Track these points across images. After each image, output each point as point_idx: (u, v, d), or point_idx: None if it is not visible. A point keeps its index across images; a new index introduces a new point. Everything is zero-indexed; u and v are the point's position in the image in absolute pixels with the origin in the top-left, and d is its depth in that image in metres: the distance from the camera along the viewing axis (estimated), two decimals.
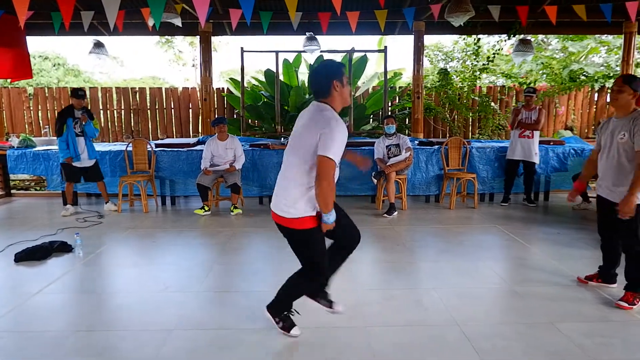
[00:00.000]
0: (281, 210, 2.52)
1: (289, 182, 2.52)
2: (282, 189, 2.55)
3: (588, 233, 5.01)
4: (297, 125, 2.59)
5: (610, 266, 3.47)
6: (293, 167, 2.50)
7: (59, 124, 5.79)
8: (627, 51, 7.57)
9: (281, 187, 2.57)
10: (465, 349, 2.61)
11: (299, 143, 2.48)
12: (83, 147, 5.89)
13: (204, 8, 5.00)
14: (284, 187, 2.55)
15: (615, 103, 3.19)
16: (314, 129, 2.39)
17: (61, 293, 3.48)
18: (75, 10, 5.87)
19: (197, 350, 2.63)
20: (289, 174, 2.53)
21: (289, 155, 2.56)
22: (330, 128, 2.35)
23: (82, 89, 5.95)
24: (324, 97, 2.50)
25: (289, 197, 2.50)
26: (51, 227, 5.36)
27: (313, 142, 2.38)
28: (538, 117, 6.28)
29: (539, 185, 6.97)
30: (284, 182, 2.56)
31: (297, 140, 2.51)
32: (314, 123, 2.42)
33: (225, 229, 5.33)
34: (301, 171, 2.46)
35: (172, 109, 9.61)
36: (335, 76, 2.46)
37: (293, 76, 9.05)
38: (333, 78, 2.46)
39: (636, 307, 3.12)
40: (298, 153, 2.47)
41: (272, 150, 6.53)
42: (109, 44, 19.51)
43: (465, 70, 9.42)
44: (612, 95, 3.20)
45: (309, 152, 2.41)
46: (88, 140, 5.94)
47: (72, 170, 5.92)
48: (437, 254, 4.41)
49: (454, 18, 5.75)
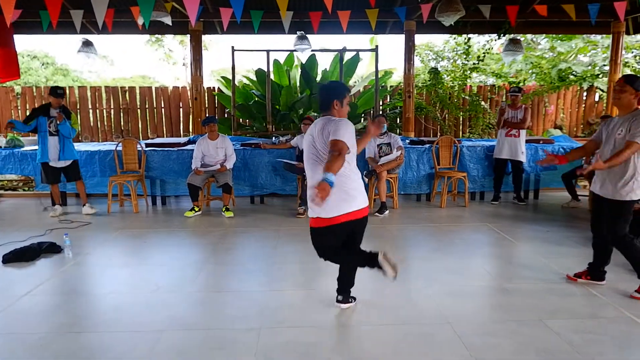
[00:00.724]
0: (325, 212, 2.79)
1: None
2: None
3: (577, 231, 5.06)
4: (310, 137, 2.87)
5: (600, 264, 3.51)
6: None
7: (28, 118, 5.67)
8: (615, 51, 7.67)
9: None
10: (456, 346, 2.62)
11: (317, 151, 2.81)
12: (57, 147, 5.72)
13: (195, 7, 4.97)
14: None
15: (617, 102, 3.22)
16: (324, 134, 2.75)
17: (50, 294, 3.44)
18: (63, 8, 5.81)
19: (189, 350, 2.61)
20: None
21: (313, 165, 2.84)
22: (335, 124, 2.72)
23: (61, 88, 5.83)
24: (325, 110, 2.88)
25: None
26: (40, 227, 5.30)
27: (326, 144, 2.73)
28: (524, 116, 6.33)
29: (529, 184, 7.03)
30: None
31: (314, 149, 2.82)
32: (321, 131, 2.77)
33: (216, 228, 5.31)
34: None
35: (163, 108, 9.54)
36: (336, 97, 2.84)
37: (284, 75, 9.03)
38: (334, 98, 2.84)
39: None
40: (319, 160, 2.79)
41: (264, 150, 6.52)
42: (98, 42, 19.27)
43: (456, 69, 9.47)
44: (614, 94, 3.22)
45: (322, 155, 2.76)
46: (65, 140, 5.77)
47: (50, 171, 5.80)
48: (428, 252, 4.43)
49: (445, 17, 5.78)
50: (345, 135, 2.68)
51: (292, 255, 4.29)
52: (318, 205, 2.55)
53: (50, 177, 5.86)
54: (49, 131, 5.71)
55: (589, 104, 9.90)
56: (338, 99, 2.84)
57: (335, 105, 2.84)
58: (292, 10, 6.29)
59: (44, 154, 5.73)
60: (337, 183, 2.60)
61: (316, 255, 3.04)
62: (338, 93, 2.86)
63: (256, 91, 9.18)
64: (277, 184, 6.59)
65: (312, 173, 2.85)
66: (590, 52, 11.05)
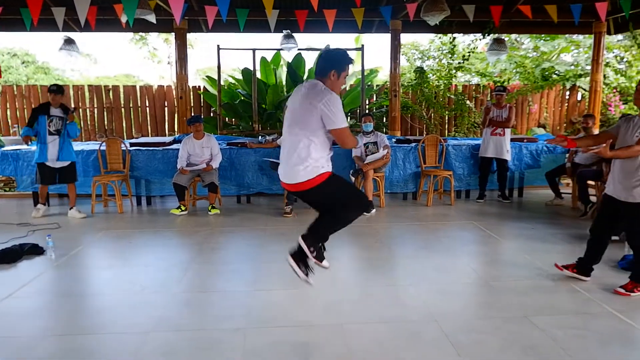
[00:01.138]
0: (301, 177, 2.68)
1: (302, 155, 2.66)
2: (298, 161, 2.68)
3: (561, 228, 5.14)
4: (293, 101, 2.75)
5: (591, 261, 3.54)
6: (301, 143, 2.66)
7: (30, 120, 5.57)
8: (597, 51, 7.79)
9: (294, 161, 2.69)
10: (443, 344, 2.64)
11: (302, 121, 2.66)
12: (57, 147, 5.61)
13: (179, 5, 4.93)
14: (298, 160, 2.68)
15: (638, 102, 3.26)
16: (312, 107, 2.60)
17: (33, 297, 3.38)
18: (45, 5, 5.71)
19: (175, 351, 2.59)
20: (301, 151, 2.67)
21: (293, 132, 2.71)
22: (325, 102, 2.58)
23: (55, 84, 5.72)
24: (320, 76, 2.73)
25: (307, 165, 2.66)
26: (21, 229, 5.20)
27: (314, 119, 2.61)
28: (509, 115, 6.41)
29: (513, 182, 7.11)
30: (295, 158, 2.68)
31: (299, 117, 2.68)
32: (309, 101, 2.62)
33: (202, 228, 5.27)
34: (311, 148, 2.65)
35: (147, 107, 9.44)
36: (335, 66, 2.69)
37: (271, 74, 9.01)
38: (332, 67, 2.69)
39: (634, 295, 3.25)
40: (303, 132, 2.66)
41: (250, 149, 6.49)
42: (81, 40, 18.99)
43: (441, 68, 9.54)
44: (636, 95, 3.26)
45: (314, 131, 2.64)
46: (67, 140, 5.69)
47: (47, 171, 5.63)
48: (414, 250, 4.46)
49: (430, 17, 5.81)
50: (342, 116, 2.64)
51: (278, 255, 4.26)
52: None
53: (47, 178, 5.67)
54: (49, 130, 5.56)
55: (572, 103, 10.06)
56: (337, 70, 2.70)
57: (332, 75, 2.70)
58: (277, 8, 6.27)
59: (42, 154, 5.58)
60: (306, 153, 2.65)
61: None
62: (338, 63, 2.71)
63: (242, 90, 9.14)
64: (263, 183, 6.57)
65: (288, 135, 2.75)
66: (572, 52, 11.22)
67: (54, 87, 5.62)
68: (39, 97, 9.22)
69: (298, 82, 8.62)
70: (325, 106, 2.59)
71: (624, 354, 2.55)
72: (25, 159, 6.38)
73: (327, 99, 2.59)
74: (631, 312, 3.03)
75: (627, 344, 2.65)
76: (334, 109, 2.60)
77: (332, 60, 2.72)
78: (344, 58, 2.74)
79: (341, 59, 2.73)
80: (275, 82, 8.99)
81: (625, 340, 2.68)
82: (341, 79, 2.74)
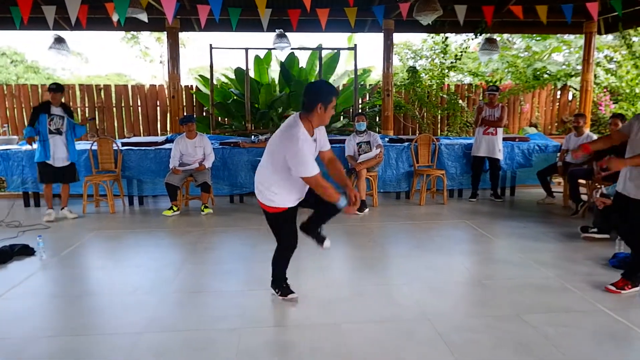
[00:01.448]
0: (264, 198, 2.93)
1: (267, 179, 2.89)
2: (262, 183, 2.92)
3: (552, 227, 5.18)
4: (275, 136, 2.87)
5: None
6: (267, 169, 2.88)
7: (32, 119, 5.48)
8: (588, 50, 7.84)
9: (261, 181, 2.94)
10: (436, 343, 2.65)
11: (271, 154, 2.84)
12: (59, 147, 5.54)
13: (171, 3, 4.91)
14: (262, 181, 2.92)
15: None
16: (281, 149, 2.72)
17: (24, 298, 3.35)
18: (35, 4, 5.66)
19: (168, 352, 2.58)
20: (267, 174, 2.89)
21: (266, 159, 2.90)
22: (289, 150, 2.67)
23: (54, 83, 5.66)
24: (306, 111, 2.76)
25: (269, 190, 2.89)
26: (12, 229, 5.15)
27: (280, 158, 2.73)
28: (501, 114, 6.44)
29: (505, 181, 7.15)
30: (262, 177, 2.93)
31: (270, 150, 2.86)
32: (279, 141, 2.76)
33: (195, 228, 5.25)
34: (270, 173, 2.86)
35: (139, 107, 9.38)
36: (322, 99, 2.71)
37: (264, 73, 8.98)
38: (319, 100, 2.70)
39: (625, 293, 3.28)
40: (270, 160, 2.84)
41: (243, 149, 6.47)
42: (72, 39, 18.89)
43: (434, 68, 9.56)
44: None
45: (276, 164, 2.79)
46: (71, 140, 5.64)
47: (48, 170, 5.56)
48: (407, 249, 4.47)
49: (422, 17, 5.82)
50: (308, 159, 2.67)
51: (272, 254, 4.25)
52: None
53: (48, 176, 5.59)
54: (49, 129, 5.48)
55: (563, 103, 10.13)
56: (322, 102, 2.70)
57: (318, 109, 2.70)
58: (270, 7, 6.26)
59: (44, 153, 5.51)
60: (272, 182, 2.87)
61: (296, 254, 3.06)
62: (325, 96, 2.71)
63: (235, 90, 9.11)
64: None
65: (260, 167, 2.96)
66: (564, 52, 11.30)
67: (53, 86, 5.55)
68: (29, 96, 9.13)
69: (291, 82, 8.62)
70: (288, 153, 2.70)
71: (616, 351, 2.57)
72: (15, 158, 6.31)
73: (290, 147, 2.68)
74: (622, 309, 3.06)
75: (618, 341, 2.68)
76: (301, 161, 2.66)
77: (317, 94, 2.72)
78: (329, 90, 2.75)
79: (326, 91, 2.73)
80: (268, 81, 8.97)
81: (616, 338, 2.71)
82: (328, 110, 2.74)
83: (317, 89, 2.75)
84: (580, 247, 4.43)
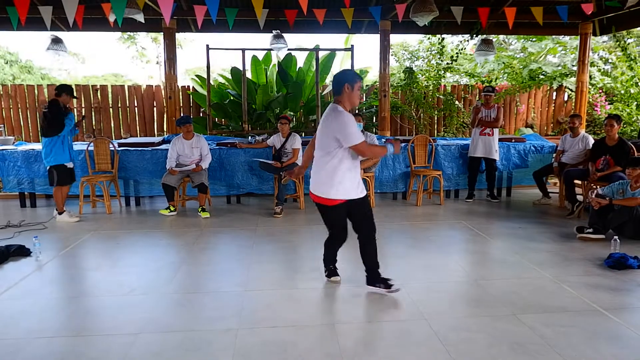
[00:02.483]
0: (321, 192, 3.19)
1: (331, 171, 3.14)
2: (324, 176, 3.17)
3: (548, 227, 5.20)
4: (319, 125, 3.22)
5: None
6: (329, 163, 3.13)
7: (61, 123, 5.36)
8: (583, 51, 7.89)
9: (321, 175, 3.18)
10: (433, 342, 2.66)
11: (322, 143, 3.15)
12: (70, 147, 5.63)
13: (168, 4, 4.91)
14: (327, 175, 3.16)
15: None
16: (330, 132, 3.06)
17: (20, 299, 3.34)
18: (32, 4, 5.65)
19: (165, 353, 2.57)
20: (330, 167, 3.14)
21: (319, 151, 3.20)
22: (339, 124, 3.02)
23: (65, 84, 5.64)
24: (337, 95, 3.17)
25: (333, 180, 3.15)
26: (7, 230, 5.13)
27: (332, 142, 3.06)
28: (497, 115, 6.47)
29: (502, 182, 7.18)
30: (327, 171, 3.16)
31: (320, 140, 3.19)
32: (326, 125, 3.10)
33: (192, 229, 5.24)
34: (337, 162, 3.12)
35: (136, 107, 9.37)
36: (347, 80, 3.12)
37: (262, 73, 8.98)
38: (345, 81, 3.13)
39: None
40: (325, 151, 3.13)
41: (240, 149, 6.47)
42: (69, 40, 18.84)
43: (430, 69, 9.59)
44: None
45: (331, 153, 3.09)
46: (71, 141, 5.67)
47: (66, 172, 5.56)
48: (404, 249, 4.48)
49: (419, 18, 5.84)
50: (356, 132, 3.02)
51: (269, 255, 4.27)
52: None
53: (67, 178, 5.59)
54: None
55: (559, 103, 10.18)
56: (349, 83, 3.11)
57: (346, 88, 3.11)
58: (267, 8, 6.27)
59: (66, 155, 5.51)
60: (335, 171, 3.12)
61: (293, 255, 3.06)
62: (349, 77, 3.14)
63: (232, 90, 9.11)
64: (253, 184, 6.55)
65: (316, 158, 3.23)
66: (559, 53, 11.35)
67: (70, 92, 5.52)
68: (26, 97, 9.11)
69: (288, 82, 8.63)
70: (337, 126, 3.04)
71: (611, 350, 2.59)
72: (11, 159, 6.30)
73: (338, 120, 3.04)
74: (617, 309, 3.08)
75: (613, 340, 2.69)
76: (350, 131, 3.01)
77: (343, 77, 3.16)
78: (353, 73, 3.22)
79: (350, 74, 3.19)
80: (265, 82, 8.97)
81: (611, 337, 2.72)
82: (355, 90, 3.13)
83: (341, 74, 3.21)
84: (575, 247, 4.45)
